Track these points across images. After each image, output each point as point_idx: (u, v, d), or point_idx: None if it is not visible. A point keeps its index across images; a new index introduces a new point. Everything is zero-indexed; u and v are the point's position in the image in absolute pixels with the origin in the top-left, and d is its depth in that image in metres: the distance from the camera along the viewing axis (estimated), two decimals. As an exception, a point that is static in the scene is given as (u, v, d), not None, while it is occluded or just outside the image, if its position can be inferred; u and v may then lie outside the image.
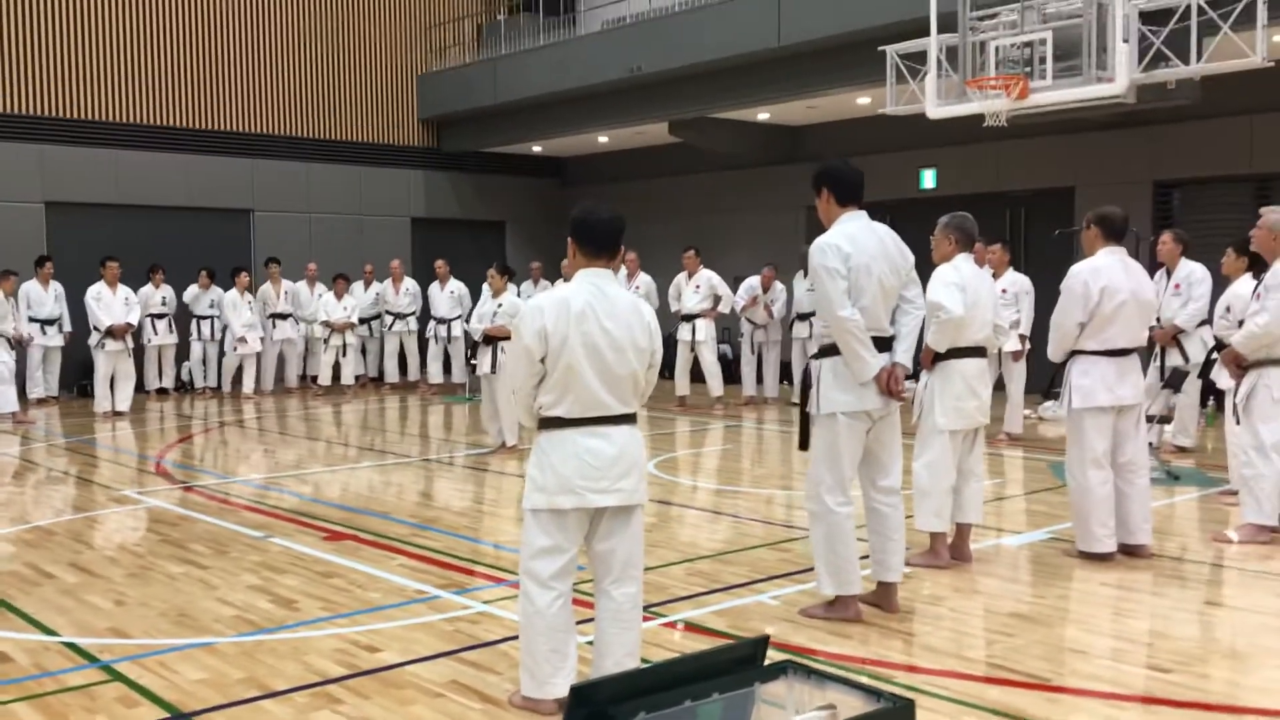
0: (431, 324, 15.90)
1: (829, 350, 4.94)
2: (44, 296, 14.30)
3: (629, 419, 4.01)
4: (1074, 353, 6.21)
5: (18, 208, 15.25)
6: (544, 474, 3.94)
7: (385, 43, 18.66)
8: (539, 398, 3.96)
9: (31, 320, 14.07)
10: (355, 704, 4.10)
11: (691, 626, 5.02)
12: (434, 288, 16.00)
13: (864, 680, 3.46)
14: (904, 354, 4.97)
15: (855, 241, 4.89)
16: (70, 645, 4.82)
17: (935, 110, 11.20)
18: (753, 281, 14.03)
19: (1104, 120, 12.01)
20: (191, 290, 15.50)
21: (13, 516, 7.80)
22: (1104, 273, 6.05)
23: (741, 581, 5.76)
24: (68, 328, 14.50)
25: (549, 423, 3.96)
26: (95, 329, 13.59)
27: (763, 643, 3.49)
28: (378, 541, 6.73)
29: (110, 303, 13.62)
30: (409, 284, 16.36)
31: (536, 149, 19.11)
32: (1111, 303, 6.02)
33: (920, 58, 11.41)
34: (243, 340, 15.17)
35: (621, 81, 15.33)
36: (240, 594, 5.60)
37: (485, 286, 13.31)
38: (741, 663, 3.45)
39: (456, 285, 15.92)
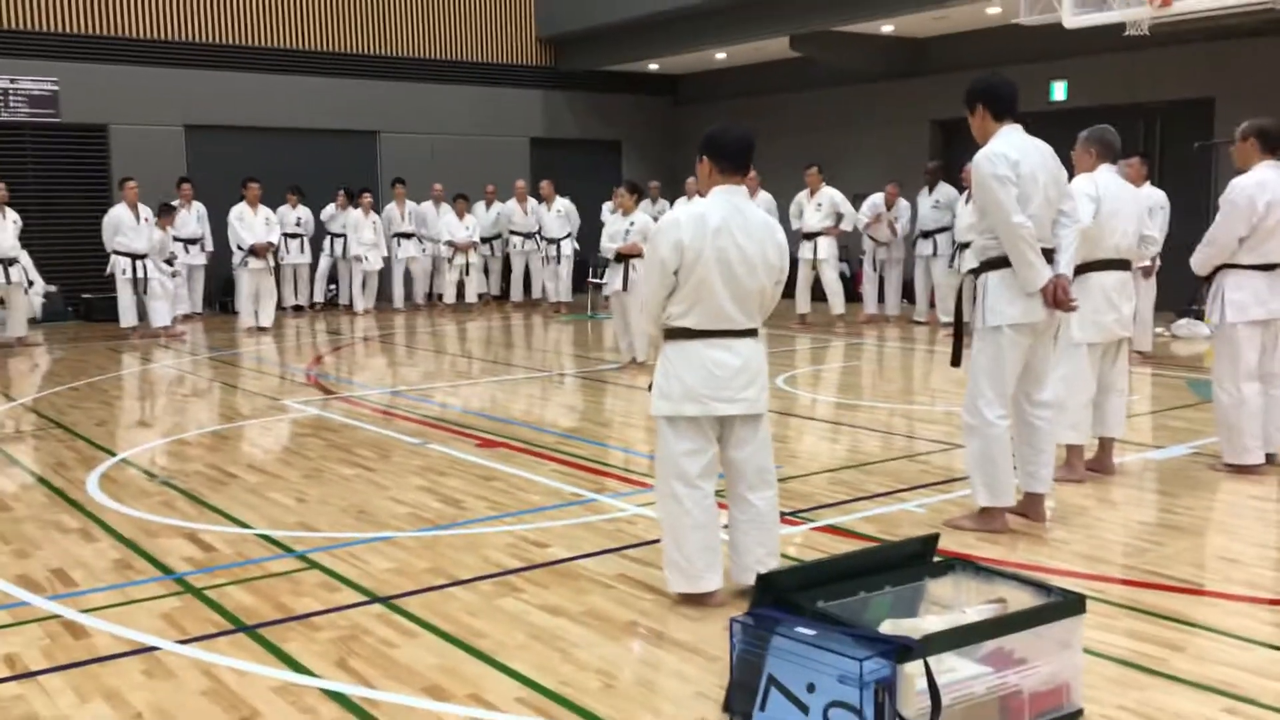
0: (528, 242, 16.22)
1: (995, 263, 4.98)
2: (185, 217, 14.92)
3: (753, 333, 4.16)
4: (1222, 266, 6.15)
5: (159, 130, 15.87)
6: (670, 382, 4.12)
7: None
8: (668, 308, 4.13)
9: (175, 239, 14.72)
10: (535, 593, 4.40)
11: (843, 531, 5.21)
12: (540, 207, 16.26)
13: (1033, 576, 3.61)
14: (1065, 265, 5.01)
15: (1021, 150, 4.91)
16: (265, 537, 5.23)
17: (1073, 19, 10.92)
18: (876, 199, 13.95)
19: (1250, 27, 11.55)
20: (329, 210, 16.01)
21: (184, 422, 8.34)
22: (1269, 186, 5.96)
23: (884, 491, 5.92)
24: (209, 247, 15.13)
25: (676, 333, 4.13)
26: (238, 248, 14.16)
27: (932, 540, 3.68)
28: (528, 449, 7.05)
29: (252, 222, 14.17)
30: (532, 203, 16.62)
31: (652, 66, 19.08)
32: (1274, 217, 5.94)
33: (1055, -36, 11.09)
34: (360, 259, 15.67)
35: (741, -3, 15.18)
36: (410, 494, 5.96)
37: (608, 205, 13.54)
38: (911, 559, 3.65)
39: (563, 203, 16.16)
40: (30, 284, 13.05)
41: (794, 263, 13.32)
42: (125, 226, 13.20)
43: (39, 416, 8.43)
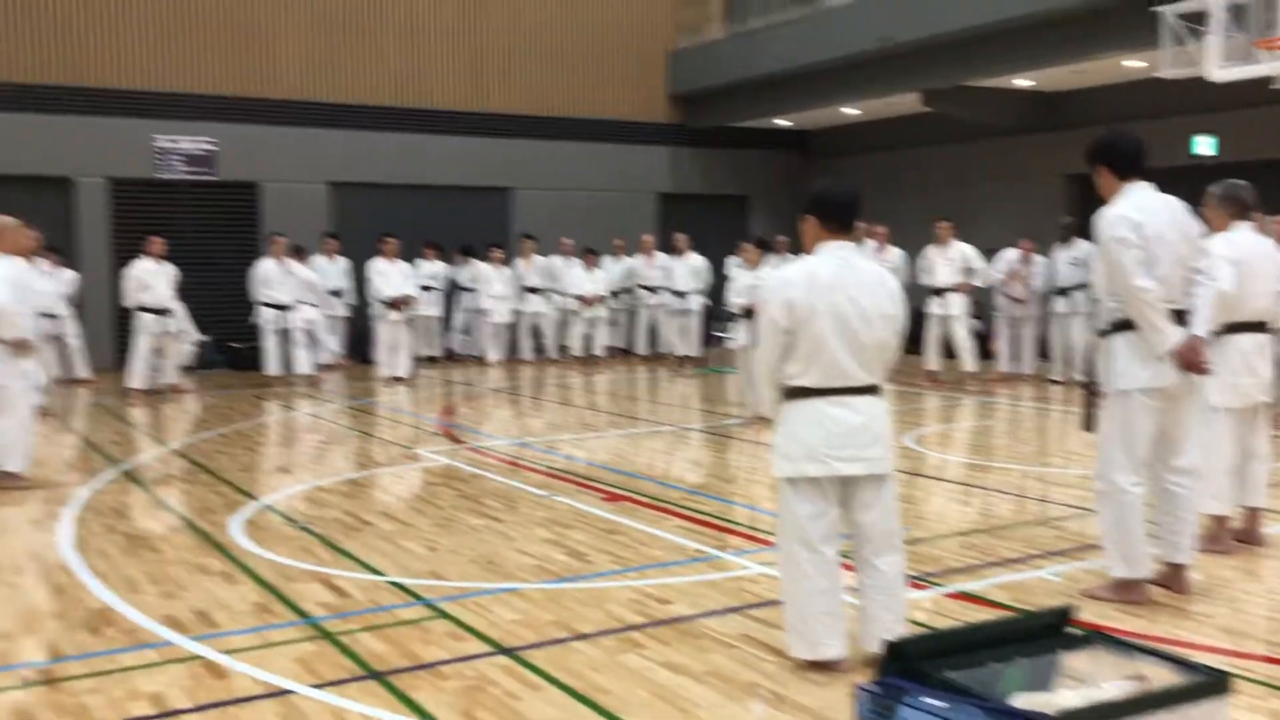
0: (669, 296, 16.35)
1: (1123, 325, 4.85)
2: (330, 269, 15.52)
3: (874, 389, 4.10)
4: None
5: (306, 187, 16.61)
6: (790, 442, 4.09)
7: (635, 20, 19.11)
8: (786, 367, 4.11)
9: (318, 290, 15.31)
10: (658, 650, 4.41)
11: (974, 598, 5.09)
12: (670, 260, 16.41)
13: (1174, 652, 3.47)
14: (1200, 326, 4.85)
15: (1146, 210, 4.76)
16: (396, 584, 5.37)
17: (1219, 73, 10.60)
18: (1011, 254, 13.68)
19: None
20: (437, 265, 16.58)
21: (325, 470, 8.64)
22: None
23: (1017, 556, 5.76)
24: (352, 299, 15.68)
25: (795, 392, 4.10)
26: (376, 300, 14.65)
27: (1067, 611, 3.57)
28: (652, 503, 7.08)
29: (390, 275, 14.65)
30: (661, 257, 16.77)
31: (781, 122, 19.18)
32: None
33: (1197, 17, 10.80)
34: (490, 311, 16.08)
35: (873, 52, 15.18)
36: (536, 546, 6.05)
37: (733, 260, 13.58)
38: (1045, 630, 3.54)
39: (695, 258, 16.29)
40: (182, 333, 13.72)
41: (923, 317, 13.16)
42: (272, 279, 13.82)
43: (188, 461, 8.83)
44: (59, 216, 14.92)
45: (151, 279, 12.98)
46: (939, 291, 13.31)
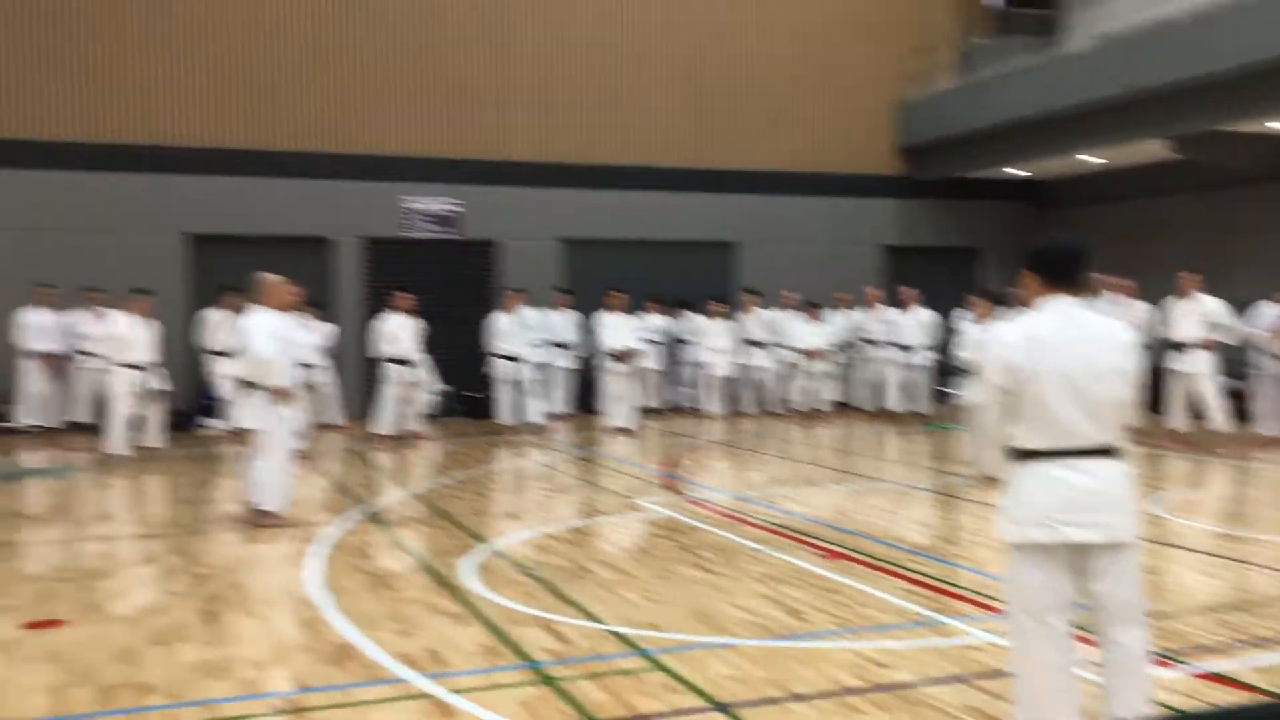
0: (894, 350, 16.04)
1: None
2: (561, 323, 16.06)
3: (1110, 451, 3.85)
4: None
5: (541, 244, 17.30)
6: (1016, 506, 3.89)
7: (863, 73, 19.04)
8: (1010, 429, 3.94)
9: (550, 343, 15.88)
10: (877, 717, 4.31)
11: (1228, 680, 4.72)
12: (897, 314, 16.12)
13: None
14: None
15: None
16: (615, 633, 5.46)
17: None
18: (1271, 310, 12.72)
19: None
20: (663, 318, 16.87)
21: (550, 517, 8.91)
22: None
23: (1276, 636, 5.31)
24: (580, 351, 16.17)
25: (1022, 454, 3.90)
26: (603, 352, 15.04)
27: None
28: (873, 563, 6.94)
29: (617, 328, 15.02)
30: (889, 311, 16.50)
31: (1013, 172, 18.60)
32: None
33: None
34: (709, 365, 16.23)
35: (1115, 99, 14.56)
36: (752, 601, 6.03)
37: (962, 314, 13.21)
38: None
39: (923, 312, 15.93)
40: (425, 383, 14.48)
41: (1162, 373, 12.38)
42: (506, 332, 14.43)
43: (426, 505, 9.29)
44: (318, 274, 16.09)
45: (398, 332, 13.80)
46: (1180, 346, 12.50)
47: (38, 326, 14.07)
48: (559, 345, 16.00)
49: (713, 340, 16.35)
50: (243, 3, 16.02)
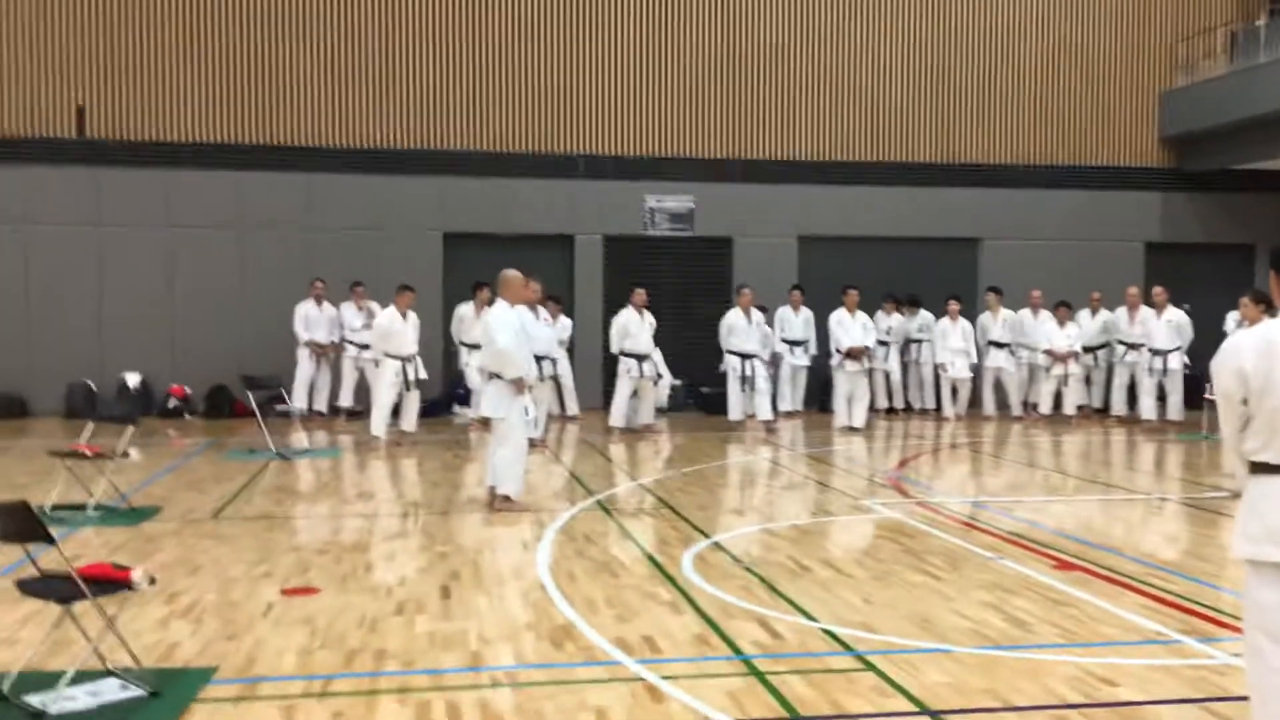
0: (1135, 354, 15.16)
1: None
2: (794, 320, 16.03)
3: None
4: None
5: (776, 242, 17.29)
6: (1251, 520, 3.63)
7: (1125, 61, 18.03)
8: (1246, 442, 3.67)
9: (783, 340, 15.88)
10: (1096, 734, 4.13)
11: None
12: (1150, 315, 15.17)
13: None
14: None
15: None
16: (828, 632, 5.45)
17: None
18: None
19: None
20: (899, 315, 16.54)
21: (774, 514, 8.95)
22: None
23: None
24: (813, 350, 16.08)
25: (1258, 468, 3.65)
26: (836, 350, 14.91)
27: None
28: (1110, 576, 6.60)
29: (850, 327, 14.86)
30: (1144, 312, 15.55)
31: (1295, 162, 17.12)
32: None
33: None
34: (946, 365, 15.82)
35: None
36: (974, 609, 5.87)
37: (1232, 315, 12.32)
38: None
39: (1175, 313, 14.94)
40: (659, 377, 14.79)
41: None
42: (738, 329, 14.54)
43: (654, 497, 9.51)
44: (560, 269, 16.71)
45: (635, 327, 14.15)
46: None
47: (311, 318, 15.28)
48: (793, 343, 15.98)
49: (947, 340, 15.92)
50: (500, 16, 16.80)
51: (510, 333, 8.74)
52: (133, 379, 15.56)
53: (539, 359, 11.59)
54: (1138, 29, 18.06)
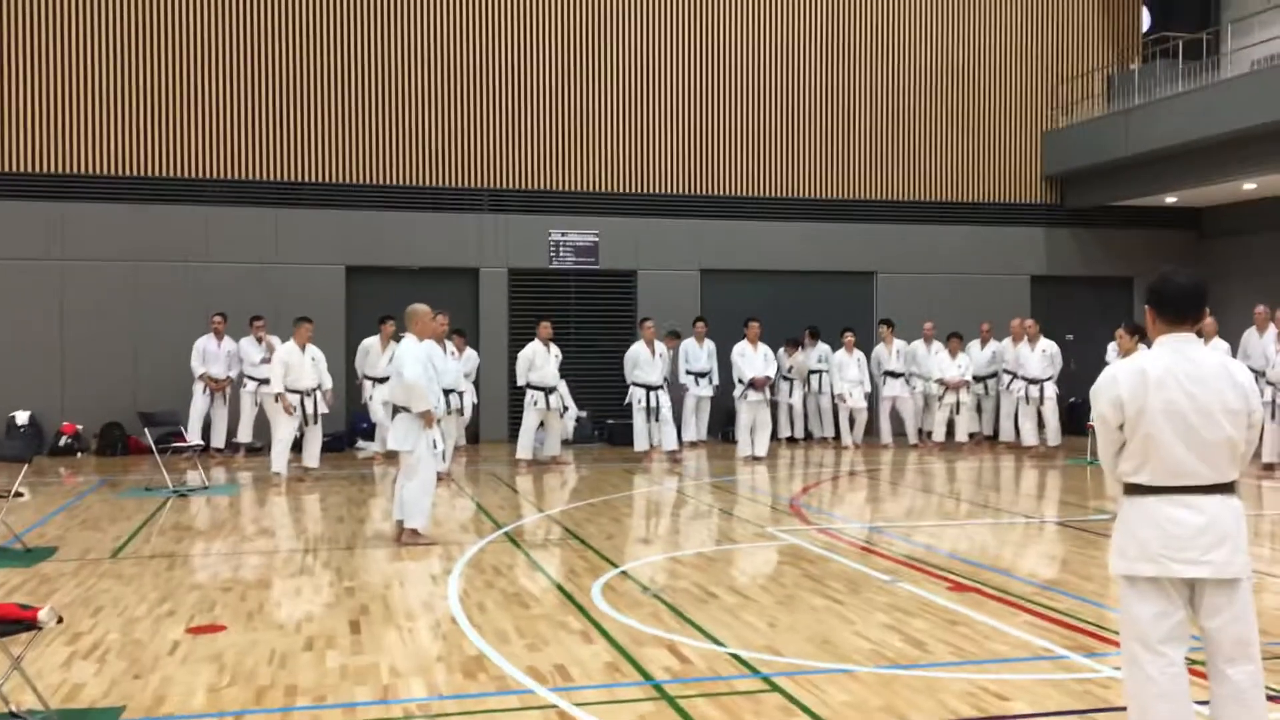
0: (1019, 383, 15.79)
1: None
2: (697, 352, 16.28)
3: (1224, 488, 3.84)
4: None
5: (678, 274, 17.56)
6: (1126, 539, 3.92)
7: (1010, 102, 18.82)
8: (1120, 465, 3.96)
9: (687, 372, 16.12)
10: (988, 745, 4.35)
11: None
12: (1023, 347, 15.83)
13: None
14: None
15: None
16: (735, 656, 5.60)
17: None
18: None
19: None
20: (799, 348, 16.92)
21: (680, 542, 9.11)
22: None
23: None
24: (716, 380, 16.34)
25: (1132, 489, 3.94)
26: (739, 381, 15.20)
27: None
28: (1001, 597, 6.90)
29: (752, 358, 15.17)
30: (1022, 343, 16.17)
31: (1170, 200, 18.03)
32: None
33: None
34: (842, 395, 16.26)
35: (1277, 124, 14.02)
36: (874, 630, 6.09)
37: (1112, 345, 12.91)
38: None
39: (1047, 344, 15.69)
40: (565, 409, 14.89)
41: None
42: (642, 361, 14.73)
43: (562, 528, 9.60)
44: (465, 302, 16.73)
45: (540, 360, 14.23)
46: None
47: (209, 352, 15.01)
48: (696, 374, 16.23)
49: (845, 371, 16.37)
50: (405, 50, 16.83)
51: (419, 366, 8.78)
52: (22, 416, 15.09)
53: (446, 392, 11.60)
54: (1021, 72, 18.88)
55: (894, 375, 16.54)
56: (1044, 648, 5.75)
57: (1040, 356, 15.68)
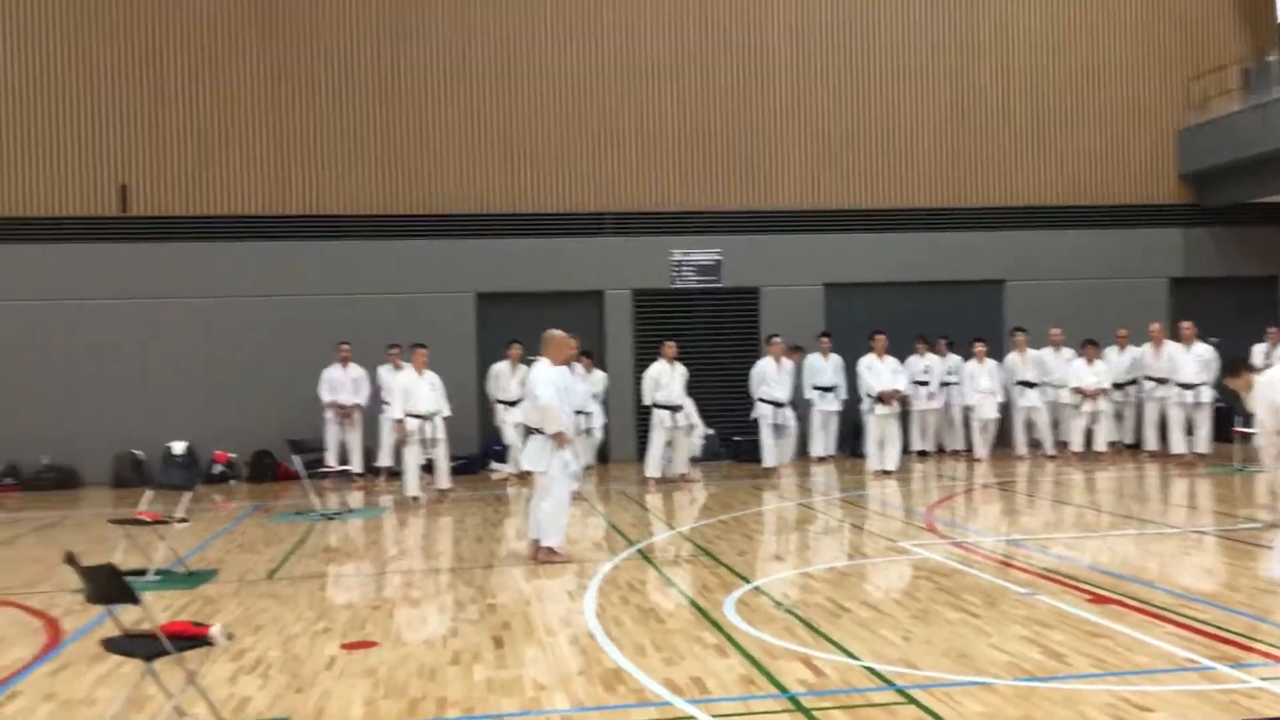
0: (1168, 388, 15.25)
1: None
2: (824, 366, 16.25)
3: None
4: None
5: (802, 290, 17.57)
6: None
7: (1140, 100, 18.32)
8: None
9: (814, 387, 16.11)
10: (1131, 756, 4.31)
11: None
12: (1178, 350, 15.28)
13: None
14: None
15: None
16: (870, 669, 5.64)
17: None
18: None
19: None
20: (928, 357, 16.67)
21: (811, 558, 9.14)
22: None
23: None
24: (844, 395, 16.26)
25: None
26: (867, 395, 15.11)
27: None
28: (1144, 608, 6.76)
29: (880, 371, 15.07)
30: (1170, 347, 15.65)
31: (1315, 194, 17.29)
32: None
33: None
34: (975, 406, 16.01)
35: None
36: (1012, 643, 6.04)
37: (1258, 347, 12.46)
38: None
39: (1202, 348, 15.08)
40: (692, 427, 15.03)
41: None
42: (769, 377, 14.79)
43: (693, 544, 9.72)
44: (591, 324, 17.04)
45: (666, 379, 14.42)
46: None
47: (335, 381, 15.55)
48: (823, 389, 16.19)
49: (976, 381, 16.08)
50: (530, 82, 17.27)
51: (552, 389, 9.02)
52: (178, 447, 15.93)
53: (576, 413, 11.85)
54: (1152, 69, 18.35)
55: (1028, 385, 16.20)
56: (1188, 659, 5.64)
57: (1195, 360, 15.14)
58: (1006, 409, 16.28)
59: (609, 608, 7.24)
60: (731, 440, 16.87)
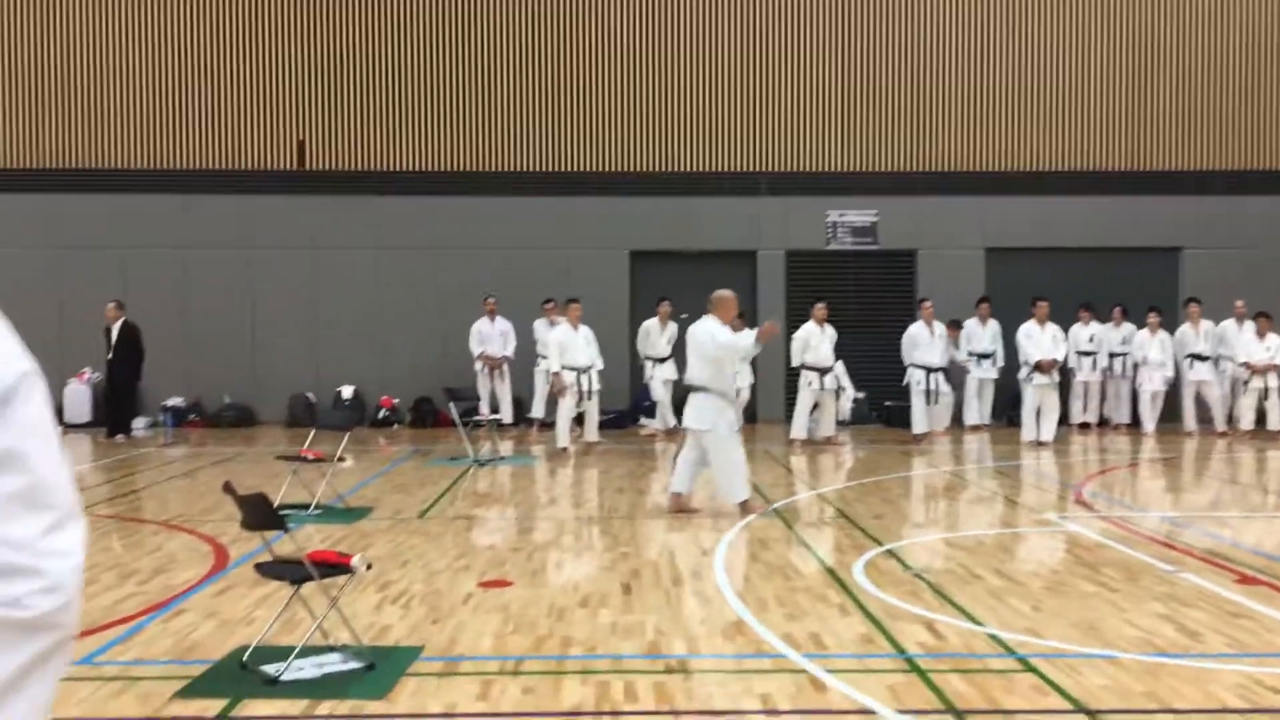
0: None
1: None
2: (981, 332, 15.87)
3: None
4: None
5: (962, 254, 17.15)
6: None
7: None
8: None
9: (970, 354, 15.76)
10: (1254, 738, 4.19)
11: None
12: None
13: None
14: None
15: None
16: (993, 636, 5.60)
17: None
18: None
19: None
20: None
21: (951, 525, 9.04)
22: None
23: None
24: (1001, 361, 15.87)
25: None
26: (1025, 363, 14.70)
27: None
28: (1296, 592, 6.48)
29: (1040, 339, 14.62)
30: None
31: None
32: None
33: None
34: (1144, 379, 15.34)
35: None
36: (1146, 619, 5.89)
37: None
38: None
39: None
40: (841, 390, 14.94)
41: None
42: (921, 342, 14.55)
43: (832, 506, 9.74)
44: (744, 285, 17.02)
45: (815, 341, 14.36)
46: None
47: (484, 333, 16.06)
48: (980, 355, 15.83)
49: (1146, 353, 15.42)
50: (681, 43, 17.33)
51: (724, 335, 9.13)
52: (347, 391, 16.76)
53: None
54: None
55: (1200, 359, 15.46)
56: (1338, 646, 5.40)
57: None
58: (1175, 383, 15.59)
59: (739, 563, 7.36)
60: (883, 405, 16.68)
